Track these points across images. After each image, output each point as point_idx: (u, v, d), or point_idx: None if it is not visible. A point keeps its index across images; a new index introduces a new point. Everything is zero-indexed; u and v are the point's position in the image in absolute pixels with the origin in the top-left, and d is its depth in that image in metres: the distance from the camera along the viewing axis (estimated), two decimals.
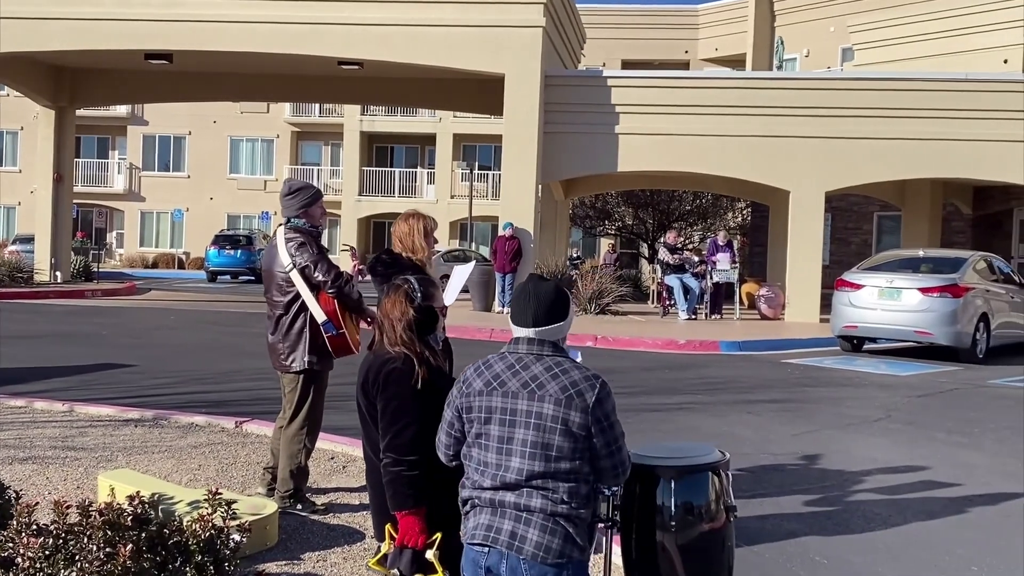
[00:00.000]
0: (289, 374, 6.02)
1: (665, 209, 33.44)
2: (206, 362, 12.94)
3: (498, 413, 3.24)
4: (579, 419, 3.16)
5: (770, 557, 5.66)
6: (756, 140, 21.06)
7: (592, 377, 3.24)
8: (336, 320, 5.86)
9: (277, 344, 6.01)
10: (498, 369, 3.30)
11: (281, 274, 5.95)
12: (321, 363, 5.99)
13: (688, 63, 40.52)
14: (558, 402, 3.17)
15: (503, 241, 20.71)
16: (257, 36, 21.19)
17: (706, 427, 9.26)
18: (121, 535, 3.11)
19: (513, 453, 3.20)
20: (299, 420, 6.01)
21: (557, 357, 3.28)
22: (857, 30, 28.56)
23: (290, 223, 6.05)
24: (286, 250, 5.91)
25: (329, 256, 6.03)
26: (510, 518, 3.19)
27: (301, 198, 6.04)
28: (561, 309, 3.33)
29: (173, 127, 47.91)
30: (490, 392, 3.27)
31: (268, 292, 6.09)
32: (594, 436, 3.18)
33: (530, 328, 3.29)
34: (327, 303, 5.87)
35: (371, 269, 5.39)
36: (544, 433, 3.17)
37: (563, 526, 3.17)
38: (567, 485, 3.18)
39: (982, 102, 20.49)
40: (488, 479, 3.24)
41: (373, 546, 5.42)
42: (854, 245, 28.16)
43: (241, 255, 36.47)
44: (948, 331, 14.93)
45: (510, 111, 20.93)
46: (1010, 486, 7.39)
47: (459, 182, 44.31)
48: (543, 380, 3.21)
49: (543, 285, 3.35)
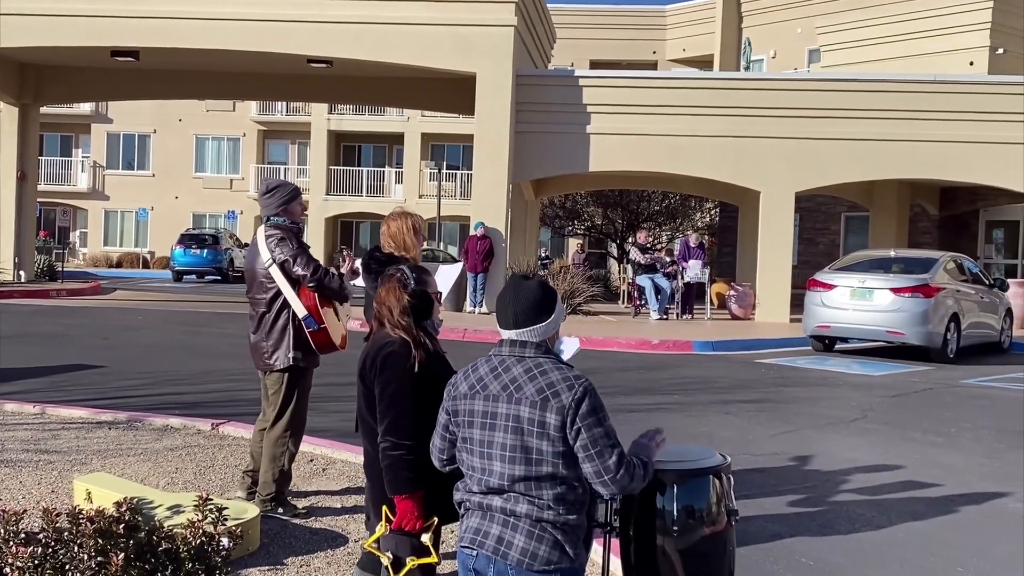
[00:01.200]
0: (273, 374, 5.93)
1: (634, 209, 33.51)
2: (177, 363, 12.77)
3: (479, 417, 3.19)
4: (555, 421, 3.08)
5: (756, 559, 5.63)
6: (727, 140, 21.13)
7: (572, 378, 3.15)
8: (317, 315, 5.79)
9: (260, 343, 5.92)
10: (482, 372, 3.25)
11: (262, 271, 5.88)
12: (306, 360, 5.92)
13: (656, 64, 40.63)
14: (533, 404, 3.11)
15: (475, 241, 20.64)
16: (225, 33, 20.99)
17: (685, 428, 9.24)
18: (112, 543, 3.02)
19: (494, 457, 3.15)
20: (283, 422, 5.92)
21: (539, 358, 3.20)
22: (825, 31, 28.74)
23: (269, 221, 5.97)
24: (266, 246, 5.84)
25: (309, 251, 5.95)
26: (498, 523, 3.14)
27: (280, 195, 5.98)
28: (545, 308, 3.25)
29: (138, 125, 47.43)
30: (473, 396, 3.22)
31: (250, 291, 6.01)
32: (570, 438, 3.10)
33: (512, 329, 3.24)
34: (307, 297, 5.81)
35: (365, 266, 5.33)
36: (522, 436, 3.11)
37: (551, 533, 3.10)
38: (553, 491, 3.12)
39: (949, 104, 20.68)
40: (475, 484, 3.21)
41: (357, 550, 5.35)
42: (822, 245, 28.34)
43: (207, 254, 36.17)
44: (919, 331, 15.03)
45: (482, 111, 20.87)
46: (990, 486, 7.42)
47: (427, 182, 44.17)
48: (521, 382, 3.15)
49: (524, 284, 3.29)
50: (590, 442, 3.10)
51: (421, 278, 3.85)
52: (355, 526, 5.75)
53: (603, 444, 3.11)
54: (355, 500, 6.25)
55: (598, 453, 3.10)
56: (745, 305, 21.92)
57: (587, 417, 3.10)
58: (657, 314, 20.56)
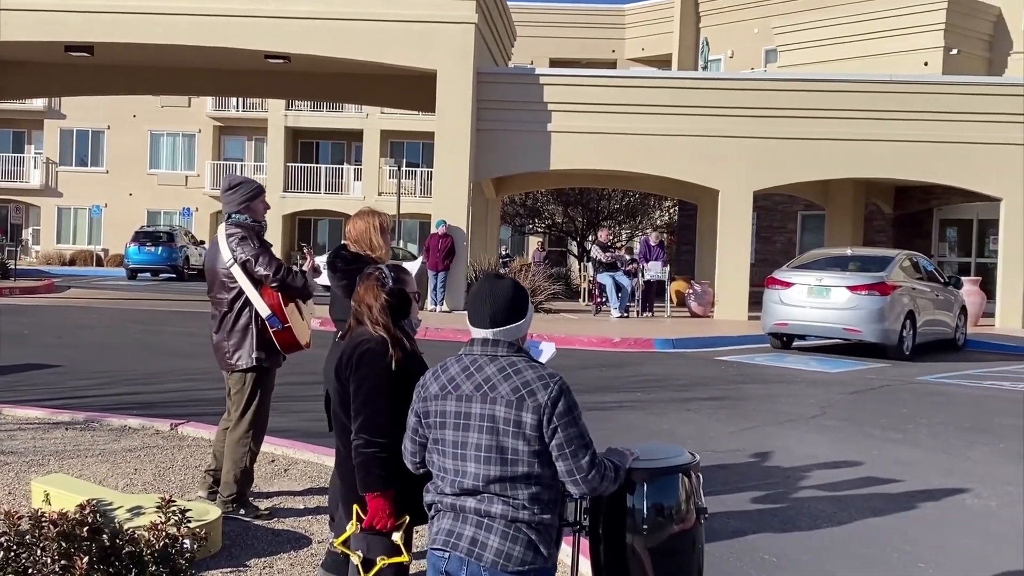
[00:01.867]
0: (236, 374, 5.86)
1: (594, 207, 33.62)
2: (134, 362, 12.61)
3: (452, 417, 3.15)
4: (531, 420, 3.06)
5: (719, 556, 5.65)
6: (687, 139, 21.24)
7: (547, 376, 3.12)
8: (281, 314, 5.73)
9: (222, 343, 5.86)
10: (453, 372, 3.21)
11: (223, 271, 5.81)
12: (269, 359, 5.86)
13: (615, 62, 40.78)
14: (509, 403, 3.08)
15: (436, 239, 20.58)
16: (181, 28, 20.75)
17: (646, 425, 9.27)
18: (76, 546, 2.96)
19: (468, 458, 3.11)
20: (246, 422, 5.86)
21: (512, 357, 3.18)
22: (782, 32, 28.99)
23: (231, 219, 5.90)
24: (227, 245, 5.77)
25: (272, 250, 5.88)
26: (471, 524, 3.11)
27: (242, 193, 5.90)
28: (519, 308, 3.23)
29: (92, 121, 46.81)
30: (444, 396, 3.17)
31: (211, 290, 5.93)
32: (546, 437, 3.08)
33: (488, 328, 3.19)
34: (271, 297, 5.74)
35: (331, 264, 5.26)
36: (497, 436, 3.08)
37: (525, 533, 3.09)
38: (528, 491, 3.10)
39: (904, 104, 20.93)
40: (448, 485, 3.16)
41: (320, 551, 5.31)
42: (779, 244, 28.59)
43: (162, 252, 35.76)
44: (876, 328, 15.19)
45: (442, 108, 20.80)
46: (949, 482, 7.51)
47: (387, 179, 43.99)
48: (495, 382, 3.12)
49: (500, 283, 3.26)
50: (565, 441, 3.09)
51: (400, 277, 3.83)
52: (318, 527, 5.70)
53: (577, 444, 3.10)
54: (318, 501, 6.20)
55: (572, 453, 3.09)
56: (704, 303, 22.07)
57: (563, 416, 3.09)
58: (618, 312, 20.62)
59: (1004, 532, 6.35)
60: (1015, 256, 21.08)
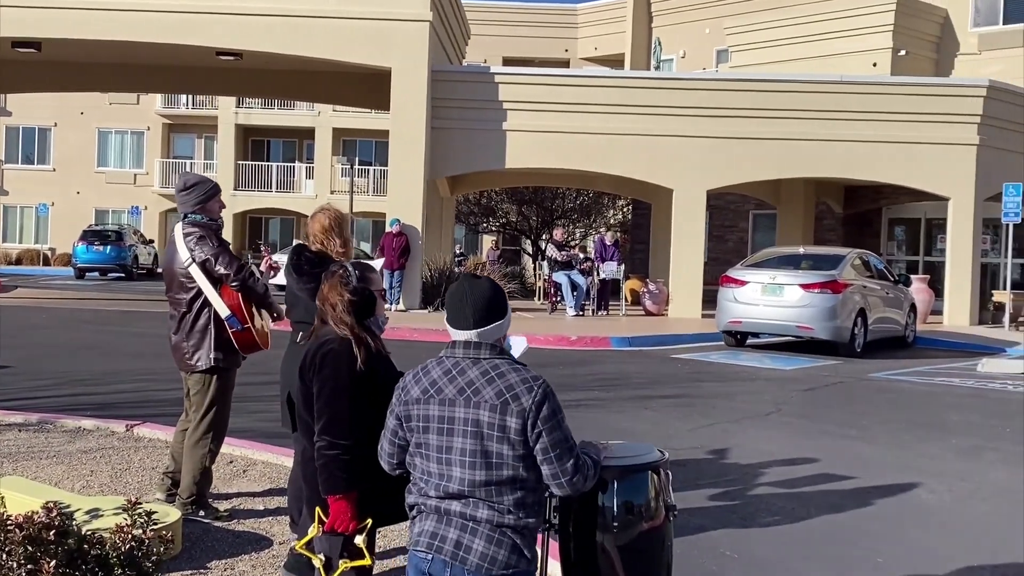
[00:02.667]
0: (195, 374, 5.80)
1: (548, 206, 33.68)
2: (86, 363, 12.43)
3: (435, 422, 3.11)
4: (516, 424, 3.04)
5: (680, 552, 5.62)
6: (641, 139, 21.34)
7: (531, 379, 3.11)
8: (240, 314, 5.68)
9: (181, 343, 5.79)
10: (435, 375, 3.16)
11: (181, 270, 5.74)
12: (228, 360, 5.80)
13: (568, 62, 40.87)
14: (493, 408, 3.05)
15: (391, 238, 20.49)
16: (131, 24, 20.47)
17: (605, 423, 9.30)
18: (42, 550, 2.90)
19: (453, 463, 3.08)
20: (205, 423, 5.80)
21: (495, 360, 3.15)
22: (733, 32, 29.21)
23: (187, 218, 5.83)
24: (185, 245, 5.70)
25: (230, 249, 5.82)
26: (456, 527, 3.08)
27: (198, 193, 5.84)
28: (499, 307, 3.21)
29: (38, 118, 46.02)
30: (427, 400, 3.13)
31: (170, 290, 5.86)
32: (530, 441, 3.07)
33: (470, 330, 3.16)
34: (230, 297, 5.69)
35: (296, 267, 5.18)
36: (482, 440, 3.06)
37: (510, 537, 3.08)
38: (513, 495, 3.09)
39: (854, 104, 21.19)
40: (432, 489, 3.13)
41: (281, 552, 5.27)
42: (731, 242, 28.81)
43: (110, 251, 35.31)
44: (828, 326, 15.37)
45: (397, 106, 20.72)
46: (904, 477, 7.62)
47: (339, 177, 43.75)
48: (479, 386, 3.09)
49: (479, 284, 3.22)
50: (550, 445, 3.08)
51: (364, 275, 3.79)
52: (279, 528, 5.66)
53: (562, 448, 3.11)
54: (278, 502, 6.15)
55: (557, 457, 3.09)
56: (659, 301, 22.21)
57: (548, 420, 3.08)
58: (574, 310, 20.69)
59: (959, 526, 6.46)
60: (962, 255, 21.43)
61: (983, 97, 21.01)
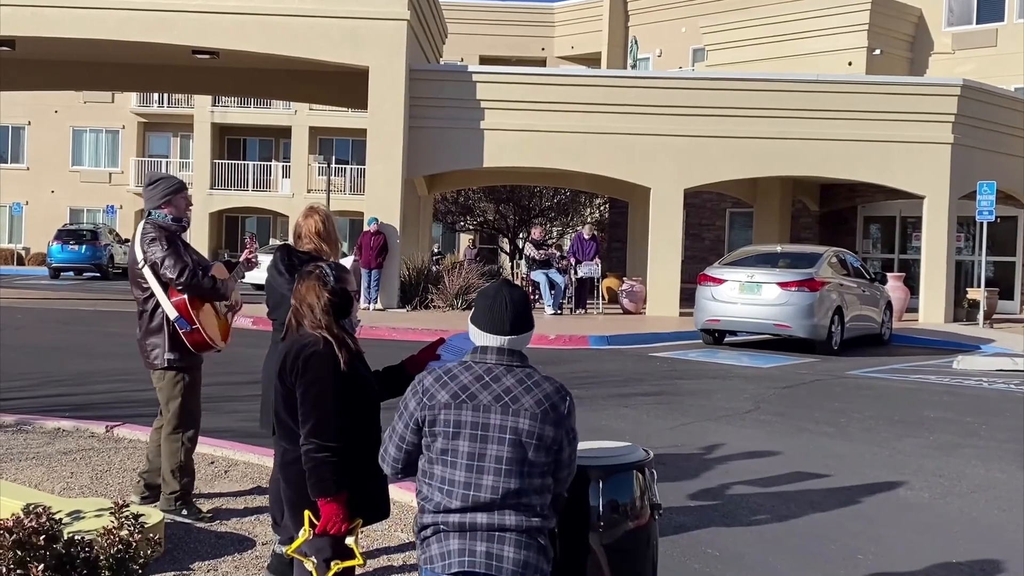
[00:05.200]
0: (157, 371, 5.84)
1: (526, 205, 33.70)
2: (63, 363, 12.34)
3: (468, 428, 3.08)
4: (552, 433, 3.09)
5: (663, 551, 5.63)
6: (618, 138, 21.39)
7: (561, 388, 3.17)
8: (188, 316, 5.66)
9: (143, 341, 5.84)
10: (465, 380, 3.13)
11: (137, 271, 5.76)
12: (184, 360, 5.79)
13: (545, 60, 40.92)
14: (534, 416, 3.08)
15: (368, 237, 20.46)
16: (106, 23, 20.32)
17: (584, 422, 9.25)
18: (31, 554, 2.90)
19: (486, 470, 3.06)
20: (173, 419, 5.83)
21: (527, 369, 3.18)
22: (709, 31, 29.35)
23: (151, 216, 5.81)
24: (140, 245, 5.70)
25: (181, 251, 5.72)
26: (482, 540, 3.05)
27: (163, 188, 5.81)
28: (531, 318, 3.26)
29: (11, 117, 45.58)
30: (459, 405, 3.09)
31: (132, 288, 5.90)
32: (563, 449, 3.14)
33: (506, 336, 3.16)
34: (177, 299, 5.67)
35: (287, 268, 5.13)
36: (520, 449, 3.06)
37: (536, 539, 3.10)
38: (540, 500, 3.12)
39: (830, 103, 21.30)
40: (457, 499, 3.06)
41: (264, 553, 5.26)
42: (708, 241, 28.95)
43: (85, 251, 35.09)
44: (805, 324, 15.46)
45: (375, 105, 20.68)
46: (882, 475, 7.68)
47: (316, 176, 43.62)
48: (517, 393, 3.10)
49: (518, 291, 3.25)
50: (574, 451, 3.21)
51: (340, 275, 3.77)
52: (262, 528, 5.65)
53: (576, 452, 3.25)
54: (260, 502, 6.14)
55: (574, 459, 3.25)
56: (636, 300, 22.28)
57: (574, 428, 3.19)
58: (552, 309, 20.72)
59: (937, 523, 6.52)
60: (937, 253, 21.61)
61: (957, 96, 21.18)
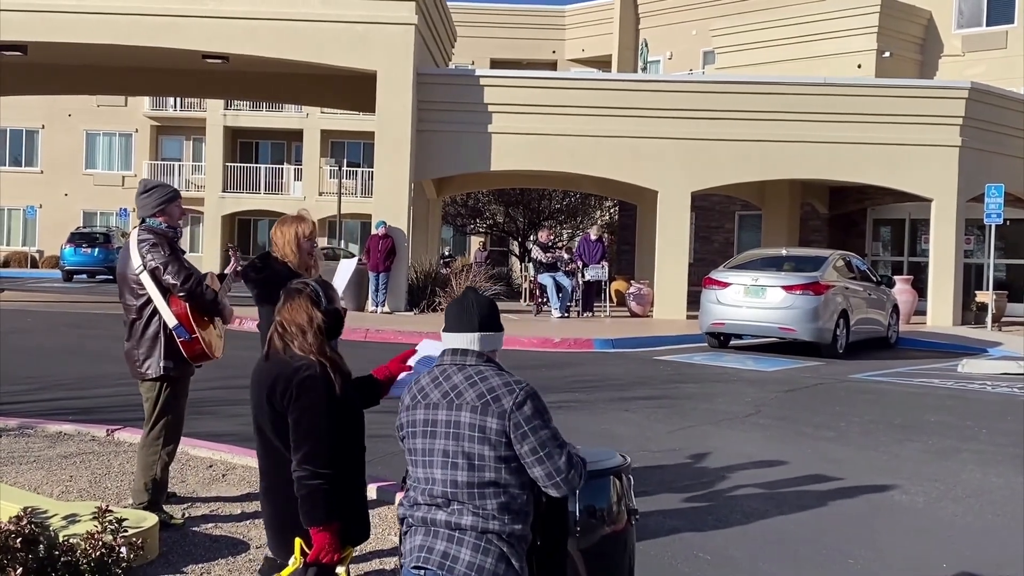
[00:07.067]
0: (146, 382, 5.77)
1: (535, 207, 33.75)
2: (70, 367, 12.44)
3: (420, 426, 3.21)
4: (496, 425, 3.11)
5: (654, 554, 5.74)
6: (626, 141, 21.42)
7: (513, 383, 3.19)
8: (188, 324, 5.62)
9: (132, 350, 5.76)
10: (424, 383, 3.27)
11: (133, 277, 5.69)
12: (178, 369, 5.75)
13: (556, 63, 40.93)
14: (474, 409, 3.14)
15: (376, 240, 20.53)
16: (117, 28, 20.48)
17: (585, 426, 9.36)
18: (10, 558, 2.95)
19: (435, 464, 3.15)
20: (156, 430, 5.77)
21: (479, 365, 3.24)
22: (719, 34, 29.33)
23: (145, 223, 5.83)
24: (138, 251, 5.68)
25: (183, 258, 5.76)
26: (442, 538, 3.12)
27: (157, 196, 5.79)
28: (498, 319, 3.33)
29: (26, 120, 45.94)
30: (415, 406, 3.24)
31: (122, 296, 5.81)
32: (515, 443, 3.13)
33: (471, 333, 3.24)
34: (178, 306, 5.64)
35: (244, 276, 5.14)
36: (462, 442, 3.13)
37: (496, 545, 3.11)
38: (496, 500, 3.13)
39: (838, 106, 21.29)
40: (420, 494, 3.19)
41: (258, 557, 5.30)
42: (717, 243, 28.91)
43: (98, 253, 35.29)
44: (810, 327, 15.45)
45: (382, 109, 20.77)
46: (879, 479, 7.69)
47: (327, 179, 43.76)
48: (462, 389, 3.18)
49: (483, 296, 3.35)
50: (538, 445, 3.14)
51: (328, 294, 3.68)
52: (256, 532, 5.69)
53: (552, 446, 3.16)
54: (255, 506, 6.17)
55: (547, 455, 3.15)
56: (644, 303, 22.28)
57: (531, 420, 3.14)
58: (559, 312, 20.74)
59: (930, 527, 6.53)
60: (945, 255, 21.56)
61: (965, 99, 21.14)
